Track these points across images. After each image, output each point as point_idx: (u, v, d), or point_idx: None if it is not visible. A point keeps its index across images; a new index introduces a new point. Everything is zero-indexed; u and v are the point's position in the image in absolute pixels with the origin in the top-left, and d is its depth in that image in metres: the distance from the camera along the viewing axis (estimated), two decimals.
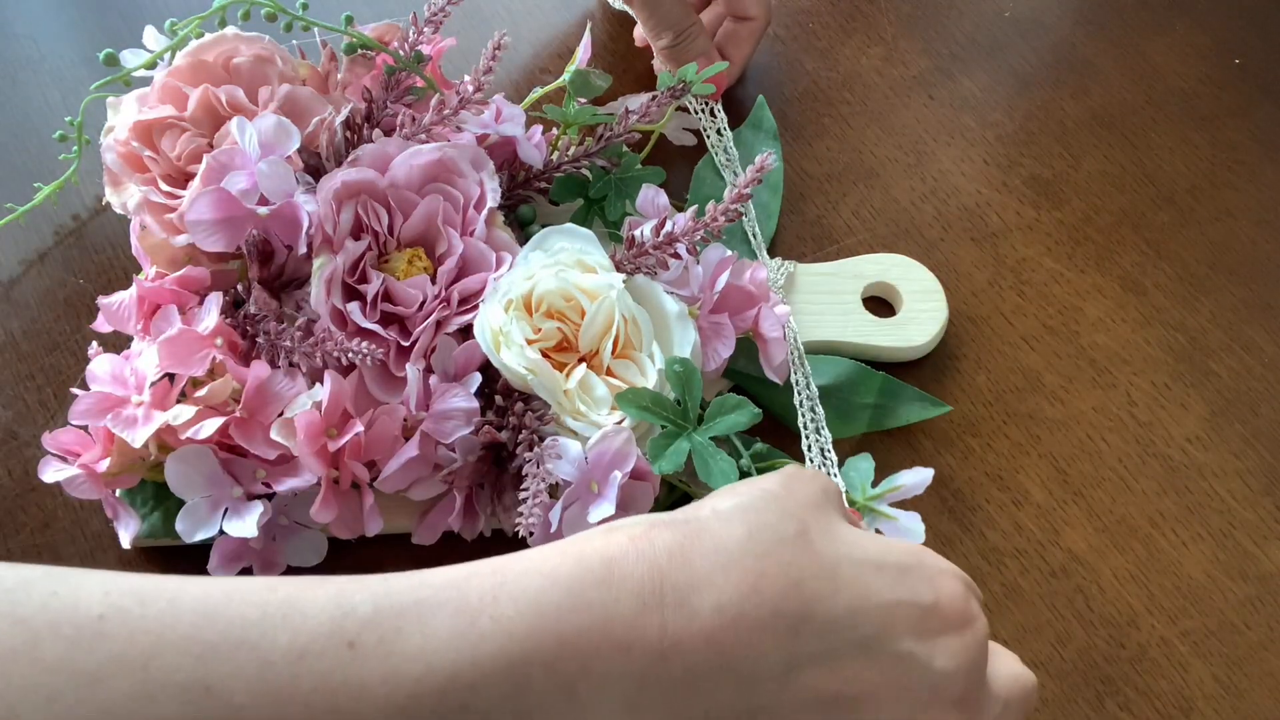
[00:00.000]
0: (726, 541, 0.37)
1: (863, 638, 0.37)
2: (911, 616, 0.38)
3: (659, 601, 0.35)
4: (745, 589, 0.36)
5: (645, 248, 0.54)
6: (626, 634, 0.34)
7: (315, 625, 0.33)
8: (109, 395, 0.50)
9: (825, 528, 0.38)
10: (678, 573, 0.35)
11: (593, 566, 0.35)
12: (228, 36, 0.56)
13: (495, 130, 0.57)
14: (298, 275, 0.54)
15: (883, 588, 0.38)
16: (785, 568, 0.36)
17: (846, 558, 0.38)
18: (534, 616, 0.34)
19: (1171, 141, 0.72)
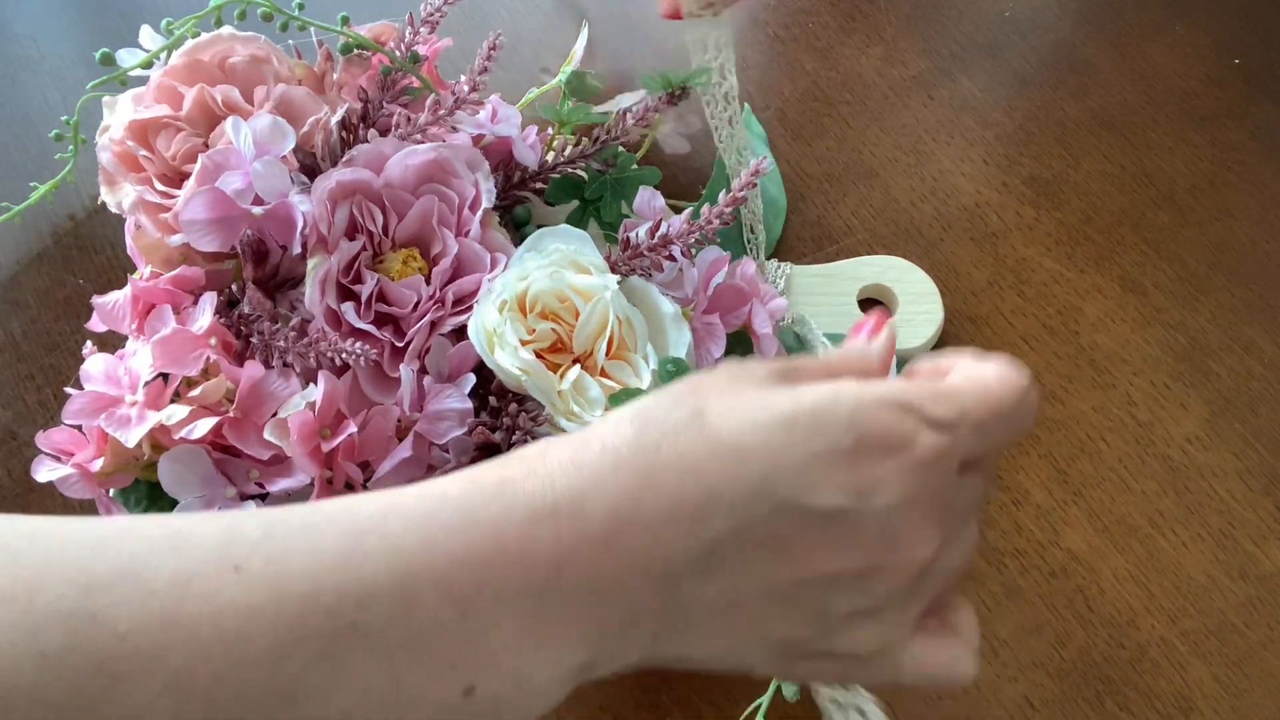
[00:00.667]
0: (616, 444, 0.35)
1: (781, 502, 0.34)
2: (833, 464, 0.35)
3: (551, 512, 0.34)
4: (638, 486, 0.34)
5: (640, 249, 0.53)
6: (520, 548, 0.33)
7: (202, 553, 0.32)
8: (103, 395, 0.50)
9: (728, 404, 0.35)
10: (568, 482, 0.34)
11: (484, 486, 0.34)
12: (223, 36, 0.56)
13: (491, 131, 0.57)
14: (292, 275, 0.54)
15: (793, 445, 0.34)
16: (678, 457, 0.34)
17: (750, 426, 0.35)
18: (422, 534, 0.33)
19: (1171, 141, 0.72)
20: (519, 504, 0.34)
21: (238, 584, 0.32)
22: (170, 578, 0.32)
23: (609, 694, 0.53)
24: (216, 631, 0.31)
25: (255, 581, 0.32)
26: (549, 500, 0.34)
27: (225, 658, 0.31)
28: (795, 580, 0.35)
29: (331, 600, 0.32)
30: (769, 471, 0.34)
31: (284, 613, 0.32)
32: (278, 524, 0.33)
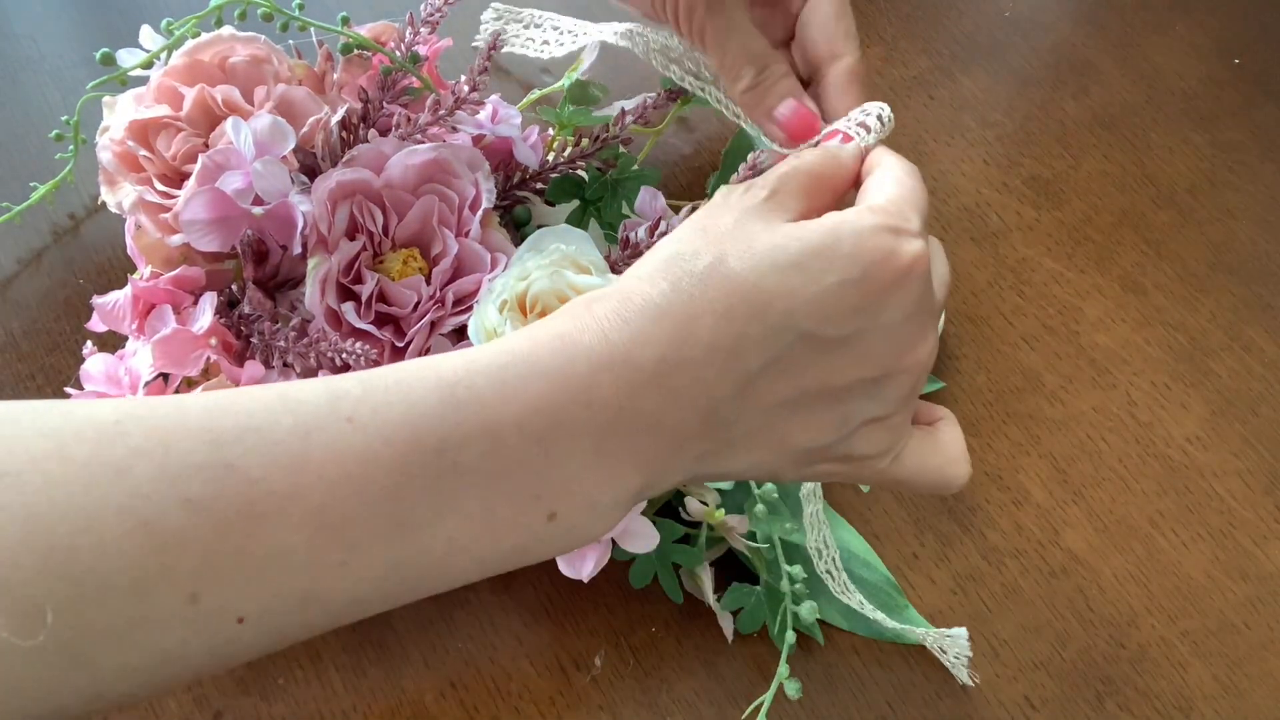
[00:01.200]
0: (654, 297, 0.39)
1: (803, 333, 0.39)
2: (845, 295, 0.39)
3: (608, 361, 0.38)
4: (679, 335, 0.38)
5: (639, 248, 0.53)
6: (585, 395, 0.38)
7: (313, 408, 0.36)
8: (103, 395, 0.50)
9: (744, 247, 0.40)
10: (617, 333, 0.38)
11: (545, 341, 0.39)
12: (224, 36, 0.56)
13: (491, 131, 0.57)
14: (292, 275, 0.54)
15: (808, 282, 0.39)
16: (710, 304, 0.39)
17: (769, 268, 0.39)
18: (500, 385, 0.37)
19: (1171, 141, 0.72)
20: (579, 357, 0.38)
21: (352, 433, 0.36)
22: (290, 429, 0.35)
23: (609, 694, 0.53)
24: (342, 474, 0.35)
25: (367, 430, 0.36)
26: (604, 352, 0.38)
27: (352, 496, 0.35)
28: (818, 395, 0.40)
29: (434, 443, 0.36)
30: (790, 308, 0.39)
31: (396, 455, 0.36)
32: (372, 381, 0.37)
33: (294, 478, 0.35)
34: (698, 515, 0.53)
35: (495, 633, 0.54)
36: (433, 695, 0.52)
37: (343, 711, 0.52)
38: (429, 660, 0.53)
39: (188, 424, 0.35)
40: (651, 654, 0.54)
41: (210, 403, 0.36)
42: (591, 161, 0.60)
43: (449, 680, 0.53)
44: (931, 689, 0.53)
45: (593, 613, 0.55)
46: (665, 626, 0.55)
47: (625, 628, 0.54)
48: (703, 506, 0.53)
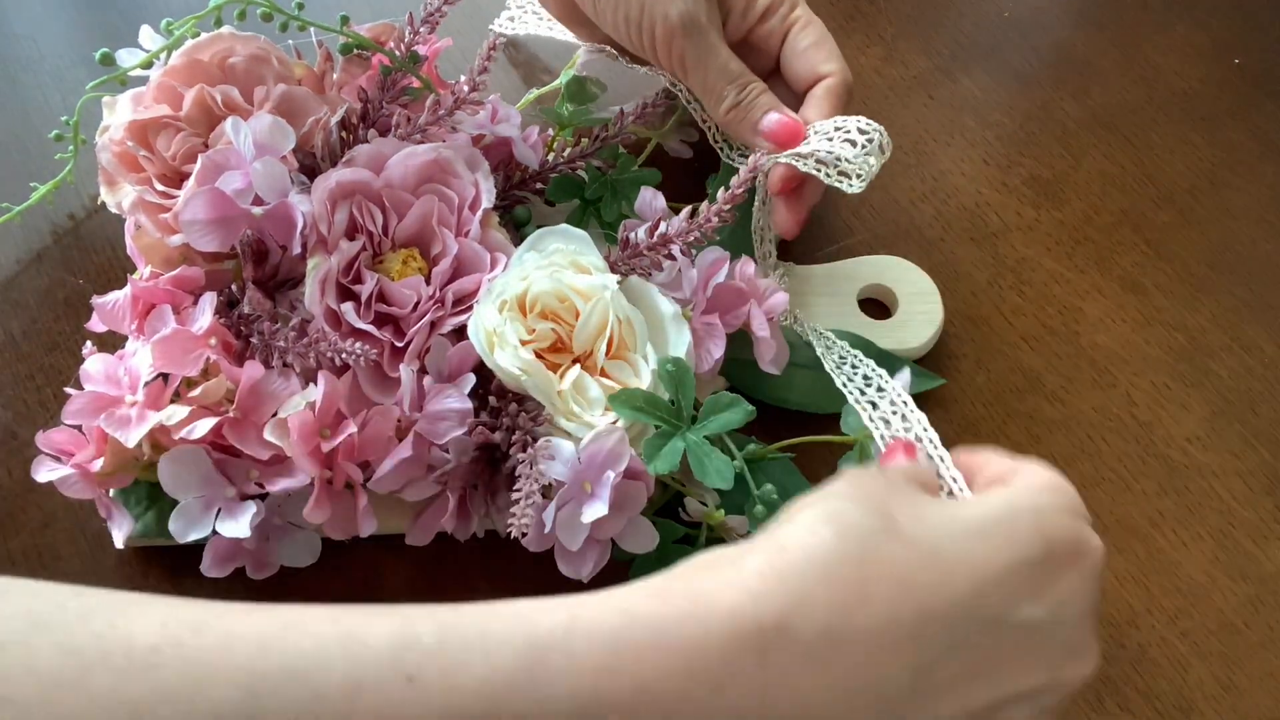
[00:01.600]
0: (818, 550, 0.33)
1: (989, 618, 0.34)
2: (1028, 577, 0.35)
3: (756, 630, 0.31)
4: (852, 601, 0.32)
5: (639, 249, 0.53)
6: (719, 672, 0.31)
7: (374, 656, 0.31)
8: (103, 395, 0.50)
9: (912, 512, 0.35)
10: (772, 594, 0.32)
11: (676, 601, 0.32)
12: (223, 36, 0.56)
13: (491, 131, 0.57)
14: (292, 275, 0.54)
15: (992, 555, 0.34)
16: (888, 567, 0.33)
17: (946, 536, 0.34)
18: (609, 655, 0.31)
19: (1171, 141, 0.72)
20: (715, 620, 0.31)
21: (410, 696, 0.30)
22: (340, 683, 0.31)
23: None
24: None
25: (429, 694, 0.30)
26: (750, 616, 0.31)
27: None
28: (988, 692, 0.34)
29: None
30: (977, 585, 0.33)
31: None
32: (452, 629, 0.32)
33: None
34: (698, 516, 0.53)
35: None
36: None
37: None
38: None
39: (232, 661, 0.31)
40: None
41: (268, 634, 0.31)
42: (591, 161, 0.60)
43: None
44: None
45: None
46: None
47: None
48: (702, 507, 0.53)
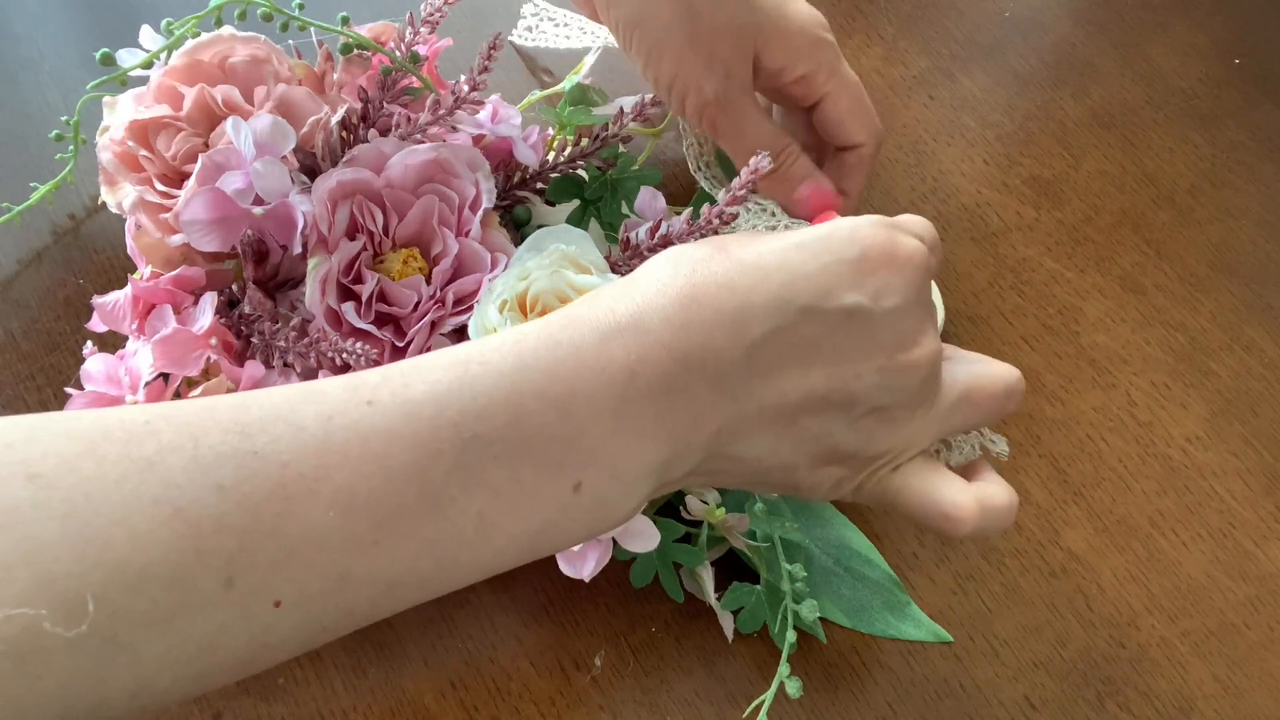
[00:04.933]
0: (657, 274, 0.41)
1: (804, 305, 0.41)
2: (842, 273, 0.42)
3: (616, 330, 0.40)
4: (684, 300, 0.40)
5: (640, 249, 0.53)
6: (598, 361, 0.39)
7: (334, 395, 0.37)
8: (103, 395, 0.50)
9: (743, 241, 0.43)
10: (624, 305, 0.40)
11: (555, 320, 0.40)
12: (224, 36, 0.56)
13: (491, 131, 0.57)
14: (293, 275, 0.54)
15: (806, 259, 0.42)
16: (712, 275, 0.41)
17: (767, 250, 0.42)
18: (514, 358, 0.39)
19: (1171, 141, 0.72)
20: (588, 328, 0.40)
21: (374, 414, 0.37)
22: (314, 416, 0.37)
23: (609, 694, 0.53)
24: (366, 452, 0.36)
25: (388, 410, 0.37)
26: (613, 321, 0.40)
27: (378, 474, 0.36)
28: (823, 369, 0.42)
29: (455, 416, 0.37)
30: (789, 280, 0.41)
31: (419, 431, 0.37)
32: (390, 370, 0.39)
33: (319, 459, 0.36)
34: (698, 514, 0.53)
35: (495, 633, 0.54)
36: (433, 695, 0.52)
37: (343, 711, 0.52)
38: (429, 660, 0.53)
39: (216, 417, 0.36)
40: (651, 654, 0.54)
41: (237, 400, 0.37)
42: (591, 161, 0.60)
43: (449, 680, 0.53)
44: (931, 689, 0.53)
45: (593, 613, 0.55)
46: (665, 626, 0.55)
47: (625, 628, 0.54)
48: (703, 506, 0.53)
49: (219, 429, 0.36)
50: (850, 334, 0.42)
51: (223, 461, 0.35)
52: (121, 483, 0.34)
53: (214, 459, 0.35)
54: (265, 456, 0.35)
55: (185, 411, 0.36)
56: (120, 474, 0.34)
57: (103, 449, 0.34)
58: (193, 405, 0.37)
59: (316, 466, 0.36)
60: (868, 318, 0.42)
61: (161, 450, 0.35)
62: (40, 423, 0.35)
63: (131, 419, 0.36)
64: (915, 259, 0.43)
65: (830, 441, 0.43)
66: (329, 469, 0.36)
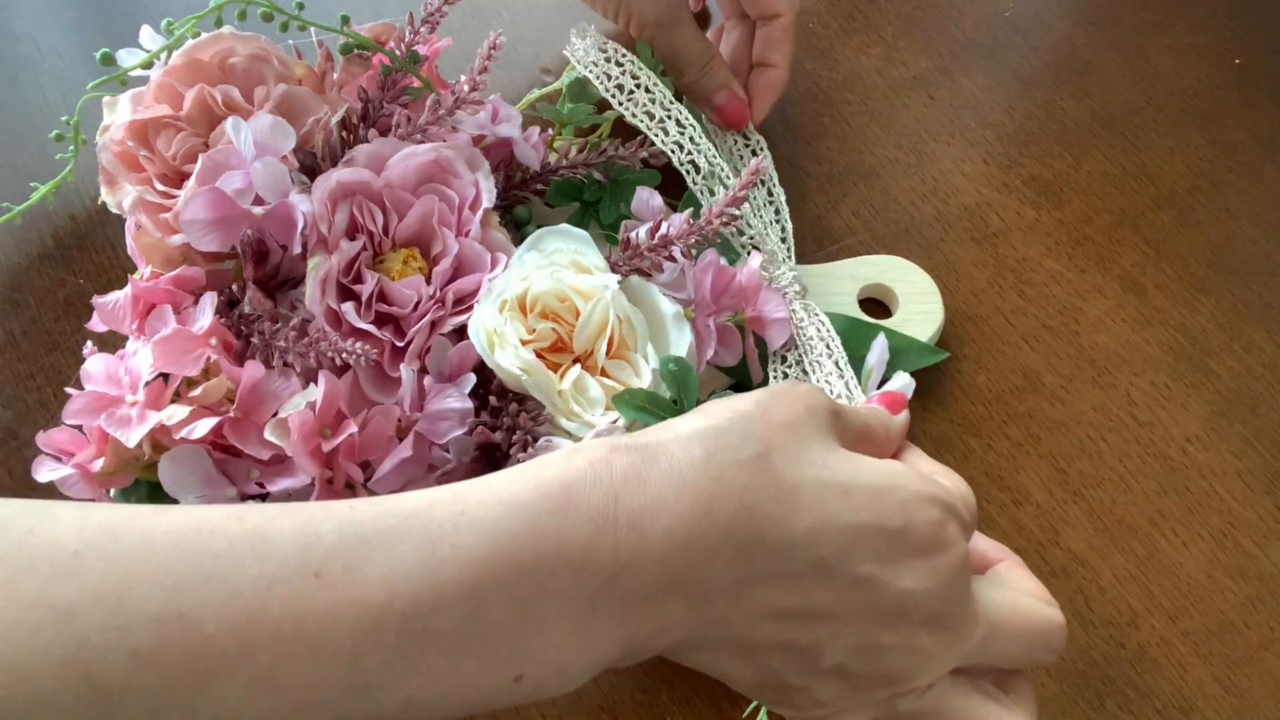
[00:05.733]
0: (682, 464, 0.37)
1: (819, 559, 0.38)
2: (875, 541, 0.38)
3: (612, 525, 0.36)
4: (697, 512, 0.37)
5: (640, 249, 0.53)
6: (580, 558, 0.36)
7: (282, 555, 0.34)
8: (103, 395, 0.50)
9: (793, 450, 0.39)
10: (632, 496, 0.36)
11: (551, 493, 0.36)
12: (224, 36, 0.56)
13: (491, 131, 0.57)
14: (293, 275, 0.54)
15: (845, 511, 0.38)
16: (740, 491, 0.37)
17: (812, 480, 0.38)
18: (491, 544, 0.35)
19: (1171, 141, 0.72)
20: (582, 515, 0.36)
21: (318, 590, 0.34)
22: (254, 580, 0.34)
23: (609, 694, 0.53)
24: (298, 634, 0.33)
25: (335, 588, 0.34)
26: (610, 515, 0.36)
27: (307, 658, 0.34)
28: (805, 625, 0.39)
29: (407, 607, 0.34)
30: (817, 527, 0.37)
31: (360, 620, 0.34)
32: (350, 527, 0.35)
33: (248, 634, 0.33)
34: None
35: None
36: None
37: None
38: None
39: (150, 564, 0.34)
40: None
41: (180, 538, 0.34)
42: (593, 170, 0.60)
43: None
44: None
45: None
46: None
47: None
48: None
49: (149, 580, 0.33)
50: (849, 598, 0.39)
51: (144, 623, 0.32)
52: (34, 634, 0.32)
53: (135, 618, 0.32)
54: (189, 622, 0.33)
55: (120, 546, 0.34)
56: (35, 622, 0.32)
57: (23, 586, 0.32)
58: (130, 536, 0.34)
59: (242, 642, 0.33)
60: (876, 589, 0.38)
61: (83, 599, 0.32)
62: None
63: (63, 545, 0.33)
64: (955, 559, 0.40)
65: (779, 679, 0.40)
66: (254, 647, 0.33)
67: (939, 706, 0.42)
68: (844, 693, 0.41)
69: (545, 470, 0.37)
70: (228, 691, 0.33)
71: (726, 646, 0.39)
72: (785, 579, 0.38)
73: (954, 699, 0.42)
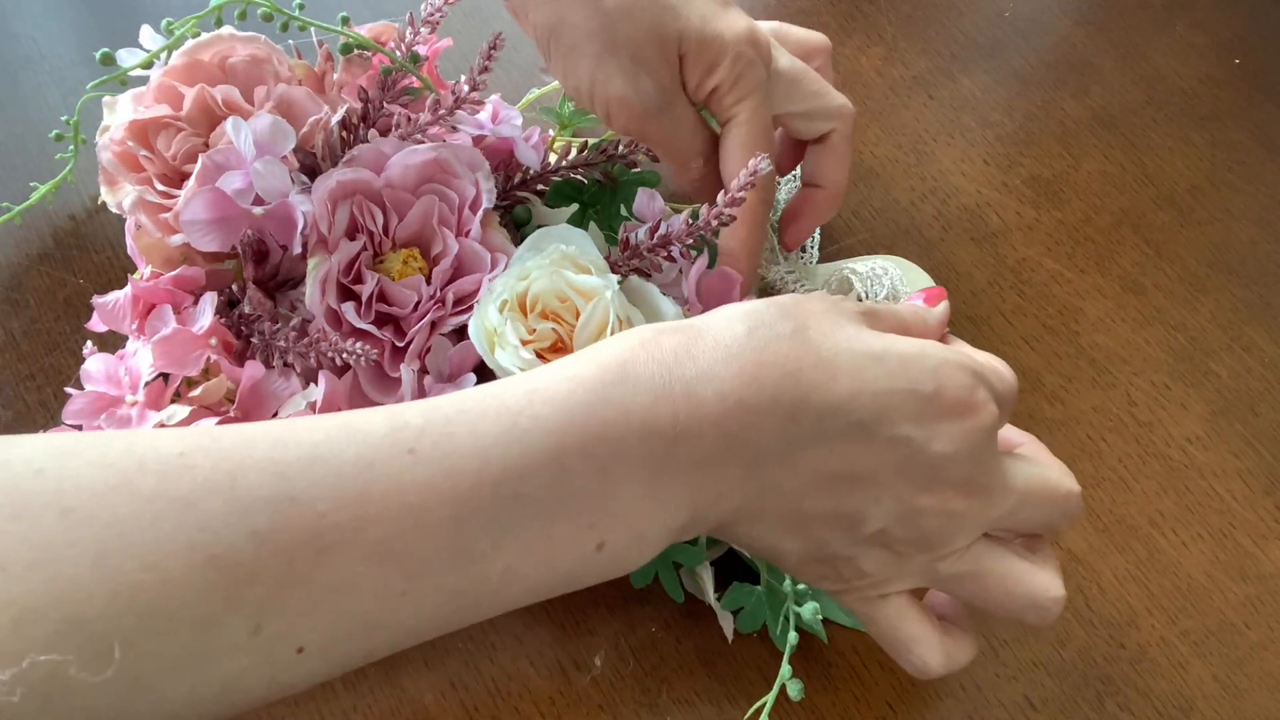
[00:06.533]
0: (726, 338, 0.40)
1: (858, 421, 0.40)
2: (909, 404, 0.40)
3: (669, 393, 0.39)
4: (745, 378, 0.39)
5: (640, 249, 0.53)
6: (645, 423, 0.38)
7: (376, 440, 0.37)
8: (103, 395, 0.50)
9: (828, 327, 0.41)
10: (684, 367, 0.39)
11: (610, 368, 0.39)
12: (224, 36, 0.56)
13: (491, 131, 0.57)
14: (293, 275, 0.54)
15: (880, 376, 0.40)
16: (782, 359, 0.40)
17: (846, 350, 0.40)
18: (565, 414, 0.38)
19: (1171, 141, 0.72)
20: (642, 386, 0.39)
21: (414, 465, 0.36)
22: (354, 461, 0.36)
23: (609, 694, 0.53)
24: (403, 506, 0.36)
25: (429, 462, 0.36)
26: (667, 384, 0.39)
27: (414, 529, 0.36)
28: (849, 492, 0.41)
29: (497, 474, 0.37)
30: (854, 392, 0.40)
31: (458, 487, 0.36)
32: (434, 412, 0.38)
33: (358, 509, 0.35)
34: None
35: (495, 633, 0.54)
36: (433, 695, 0.52)
37: (343, 712, 0.52)
38: (429, 660, 0.53)
39: (254, 455, 0.35)
40: (651, 654, 0.54)
41: (276, 434, 0.36)
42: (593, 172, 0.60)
43: (449, 680, 0.53)
44: (931, 689, 0.53)
45: (593, 613, 0.55)
46: (665, 626, 0.55)
47: (625, 628, 0.54)
48: None
49: (257, 469, 0.35)
50: (887, 460, 0.41)
51: (260, 506, 0.34)
52: (157, 523, 0.33)
53: (251, 502, 0.34)
54: (302, 503, 0.35)
55: (222, 445, 0.36)
56: (155, 513, 0.33)
57: (137, 483, 0.34)
58: (229, 437, 0.36)
59: (354, 517, 0.35)
60: (912, 451, 0.41)
61: (197, 489, 0.34)
62: (70, 447, 0.35)
63: (166, 449, 0.35)
64: (986, 422, 0.42)
65: (827, 550, 0.43)
66: (366, 520, 0.35)
67: (977, 567, 0.44)
68: (887, 562, 0.43)
69: (603, 351, 0.40)
70: (344, 565, 0.35)
71: (780, 517, 0.42)
72: (829, 441, 0.40)
73: (990, 559, 0.44)
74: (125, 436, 0.36)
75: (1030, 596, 0.44)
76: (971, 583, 0.44)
